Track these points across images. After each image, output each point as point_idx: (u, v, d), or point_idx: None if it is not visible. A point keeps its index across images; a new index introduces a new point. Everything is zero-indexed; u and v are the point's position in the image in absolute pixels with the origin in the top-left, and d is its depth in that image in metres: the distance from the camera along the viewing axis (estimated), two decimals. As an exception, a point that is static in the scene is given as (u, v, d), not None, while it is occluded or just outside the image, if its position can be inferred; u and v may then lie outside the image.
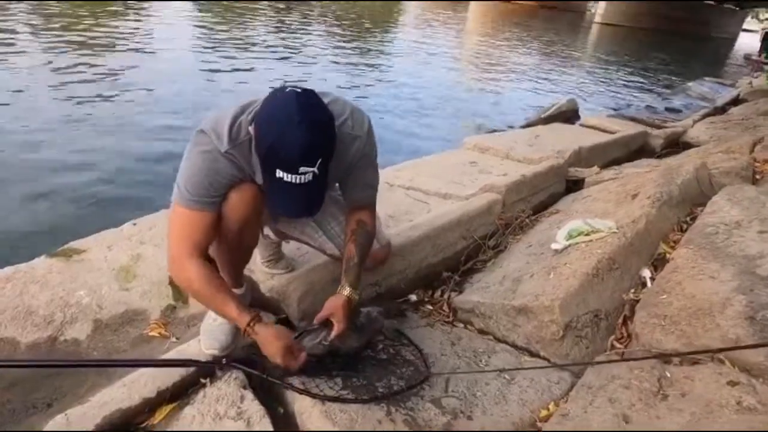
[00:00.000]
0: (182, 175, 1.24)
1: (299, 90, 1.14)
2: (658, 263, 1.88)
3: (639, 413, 1.20)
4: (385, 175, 2.94)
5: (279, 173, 1.11)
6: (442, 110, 6.68)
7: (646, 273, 1.82)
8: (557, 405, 1.34)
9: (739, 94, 8.49)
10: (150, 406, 1.31)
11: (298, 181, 1.11)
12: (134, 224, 1.98)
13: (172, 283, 1.74)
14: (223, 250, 1.37)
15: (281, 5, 17.02)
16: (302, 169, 1.10)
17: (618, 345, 1.59)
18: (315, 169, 1.11)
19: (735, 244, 1.73)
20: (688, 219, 2.13)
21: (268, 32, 11.52)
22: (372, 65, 9.39)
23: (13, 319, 1.54)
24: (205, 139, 1.22)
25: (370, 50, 11.81)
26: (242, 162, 1.25)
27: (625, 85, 10.64)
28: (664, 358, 1.34)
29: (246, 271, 1.59)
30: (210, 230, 1.28)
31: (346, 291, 1.38)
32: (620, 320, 1.66)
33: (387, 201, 2.54)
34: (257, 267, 1.82)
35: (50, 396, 1.39)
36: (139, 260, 1.81)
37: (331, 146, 1.16)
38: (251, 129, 1.19)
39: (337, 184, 1.49)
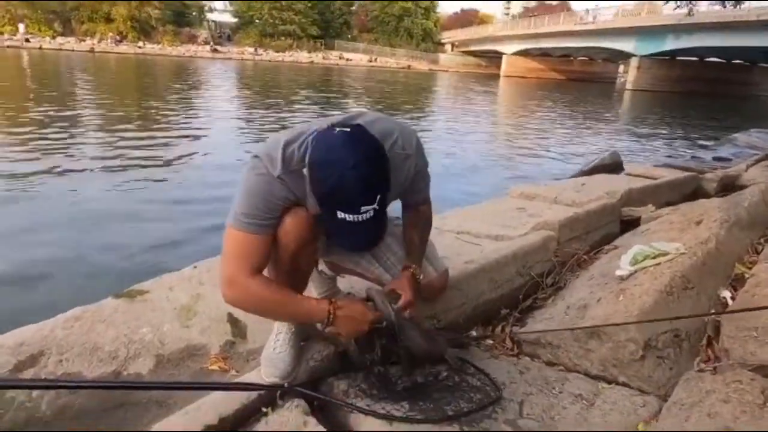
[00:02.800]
0: (236, 199, 1.27)
1: (347, 129, 1.17)
2: (736, 284, 1.76)
3: (745, 425, 1.07)
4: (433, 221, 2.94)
5: (340, 215, 1.12)
6: (483, 168, 6.77)
7: (726, 293, 1.70)
8: (648, 424, 1.21)
9: (790, 141, 8.23)
10: (212, 434, 1.27)
11: (359, 219, 1.12)
12: (194, 267, 2.02)
13: (231, 319, 1.74)
14: (279, 275, 1.36)
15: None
16: (363, 209, 1.11)
17: (705, 367, 1.45)
18: (375, 206, 1.13)
19: (822, 255, 1.60)
20: (762, 240, 2.00)
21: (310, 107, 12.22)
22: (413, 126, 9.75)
23: (80, 355, 1.56)
24: (258, 164, 1.26)
25: (409, 117, 12.25)
26: (294, 188, 1.26)
27: (666, 141, 10.54)
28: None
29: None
30: (264, 253, 1.28)
31: (411, 268, 1.40)
32: (704, 341, 1.53)
33: (438, 245, 2.49)
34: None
35: (115, 426, 1.37)
36: (199, 300, 1.84)
37: (387, 179, 1.17)
38: (305, 171, 1.21)
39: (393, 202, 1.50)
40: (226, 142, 7.96)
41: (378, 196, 1.12)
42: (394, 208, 1.59)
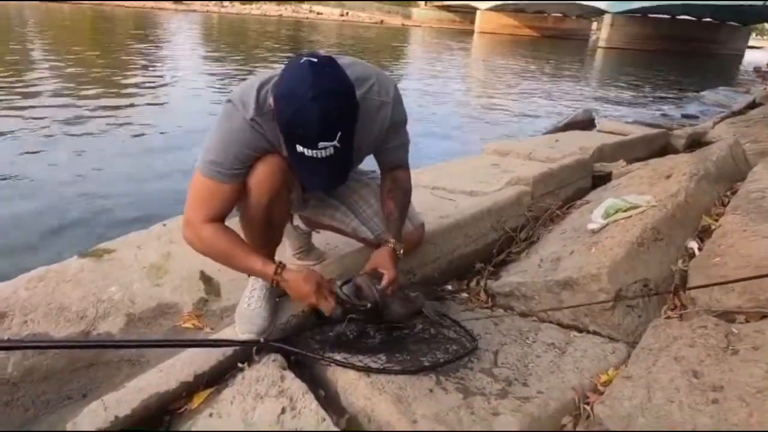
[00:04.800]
0: (206, 144, 1.22)
1: (314, 59, 1.09)
2: (703, 235, 1.80)
3: (709, 368, 1.11)
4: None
5: (299, 148, 1.08)
6: (458, 125, 6.74)
7: (693, 244, 1.74)
8: (617, 370, 1.25)
9: (755, 100, 8.41)
10: (187, 390, 1.25)
11: (318, 155, 1.08)
12: (164, 225, 1.97)
13: (203, 277, 1.71)
14: (252, 227, 1.33)
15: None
16: (321, 144, 1.06)
17: (672, 314, 1.50)
18: (335, 143, 1.07)
19: (785, 206, 1.65)
20: (728, 193, 2.05)
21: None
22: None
23: (46, 316, 1.51)
24: (231, 108, 1.20)
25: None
26: (267, 131, 1.21)
27: (637, 98, 10.65)
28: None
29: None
30: (229, 202, 1.26)
31: (391, 243, 1.38)
32: (671, 290, 1.57)
33: (413, 200, 2.50)
34: (288, 260, 1.77)
35: (85, 387, 1.35)
36: (169, 258, 1.79)
37: (350, 116, 1.11)
38: (271, 101, 1.15)
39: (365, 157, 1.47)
40: (192, 101, 7.63)
41: (339, 133, 1.07)
42: (368, 163, 1.56)
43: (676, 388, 1.08)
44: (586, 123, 5.65)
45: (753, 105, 8.02)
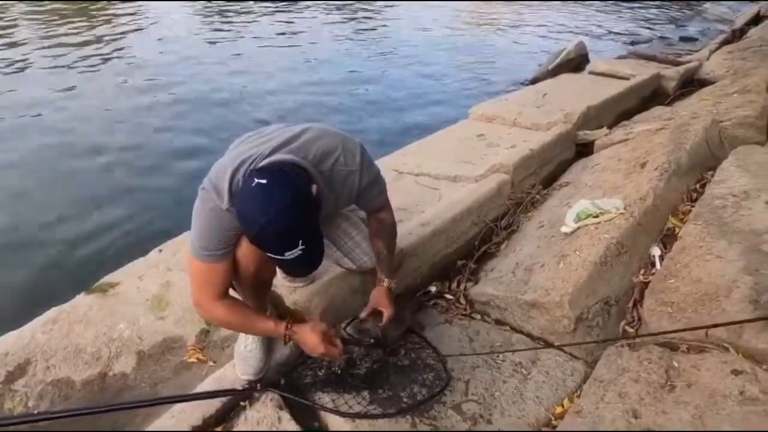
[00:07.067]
0: (193, 231, 1.32)
1: (263, 181, 1.16)
2: (667, 240, 1.91)
3: (647, 408, 1.28)
4: (393, 161, 2.98)
5: (269, 255, 1.20)
6: (447, 69, 6.53)
7: (656, 251, 1.86)
8: (571, 401, 1.43)
9: (759, 11, 8.05)
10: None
11: (287, 258, 1.18)
12: (160, 251, 2.08)
13: (202, 307, 1.85)
14: (244, 287, 1.45)
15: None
16: (287, 254, 1.17)
17: (629, 329, 1.65)
18: (300, 247, 1.17)
19: (743, 218, 1.74)
20: (697, 186, 2.13)
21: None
22: (367, 29, 9.06)
23: (65, 360, 1.68)
24: (207, 197, 1.29)
25: (362, 13, 11.30)
26: None
27: (635, 15, 10.11)
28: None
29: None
30: (227, 277, 1.37)
31: (385, 282, 1.59)
32: (630, 304, 1.72)
33: (397, 191, 2.57)
34: (279, 281, 1.90)
35: (111, 426, 1.54)
36: (169, 288, 1.92)
37: (307, 223, 1.20)
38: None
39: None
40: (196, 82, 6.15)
41: (300, 241, 1.17)
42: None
43: (616, 429, 1.25)
44: (578, 60, 5.51)
45: (757, 17, 7.71)
